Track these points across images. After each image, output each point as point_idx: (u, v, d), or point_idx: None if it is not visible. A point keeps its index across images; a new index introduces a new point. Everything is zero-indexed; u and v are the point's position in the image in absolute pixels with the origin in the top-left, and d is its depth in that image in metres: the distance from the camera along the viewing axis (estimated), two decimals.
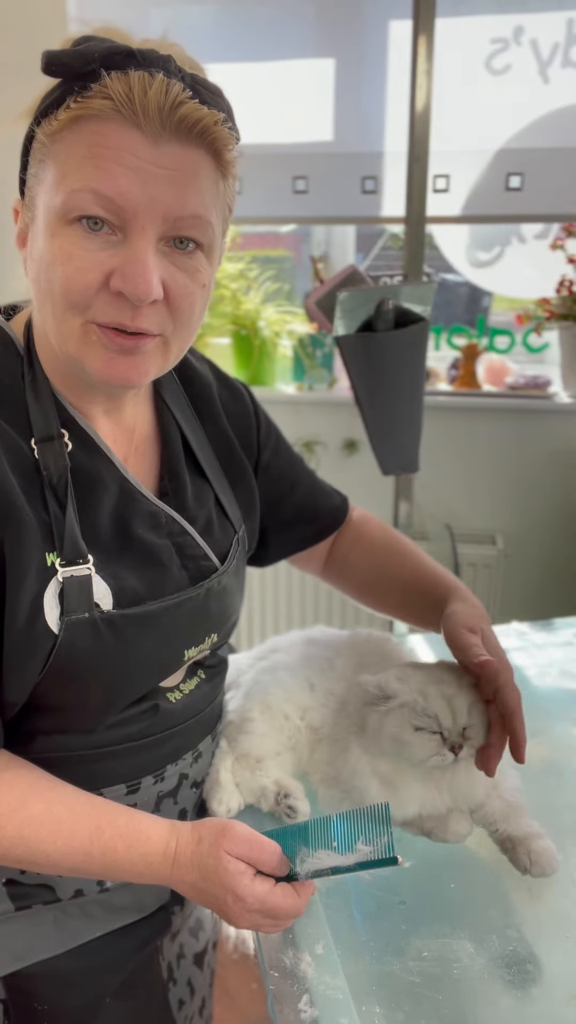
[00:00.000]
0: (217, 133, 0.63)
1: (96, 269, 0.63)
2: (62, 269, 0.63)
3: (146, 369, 0.69)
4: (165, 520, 0.78)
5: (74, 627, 0.68)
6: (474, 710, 0.76)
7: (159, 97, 0.60)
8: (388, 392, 1.16)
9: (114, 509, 0.75)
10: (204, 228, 0.66)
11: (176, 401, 0.86)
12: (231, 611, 0.86)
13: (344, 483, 0.96)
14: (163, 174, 0.62)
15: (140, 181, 0.61)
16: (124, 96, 0.59)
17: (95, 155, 0.61)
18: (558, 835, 0.79)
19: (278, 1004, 0.65)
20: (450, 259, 2.39)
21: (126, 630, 0.72)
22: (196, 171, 0.64)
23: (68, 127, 0.62)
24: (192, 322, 0.70)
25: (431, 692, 0.76)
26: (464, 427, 2.33)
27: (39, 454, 0.69)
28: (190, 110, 0.61)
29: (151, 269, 0.63)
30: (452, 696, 0.76)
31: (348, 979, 0.67)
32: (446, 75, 1.90)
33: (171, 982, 0.92)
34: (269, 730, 0.88)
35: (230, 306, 2.41)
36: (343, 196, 2.10)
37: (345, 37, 2.01)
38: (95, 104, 0.60)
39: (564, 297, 2.21)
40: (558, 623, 1.35)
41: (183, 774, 0.84)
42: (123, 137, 0.60)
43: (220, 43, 2.06)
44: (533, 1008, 0.66)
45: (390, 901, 0.75)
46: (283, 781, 0.86)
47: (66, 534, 0.69)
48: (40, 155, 0.65)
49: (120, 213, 0.62)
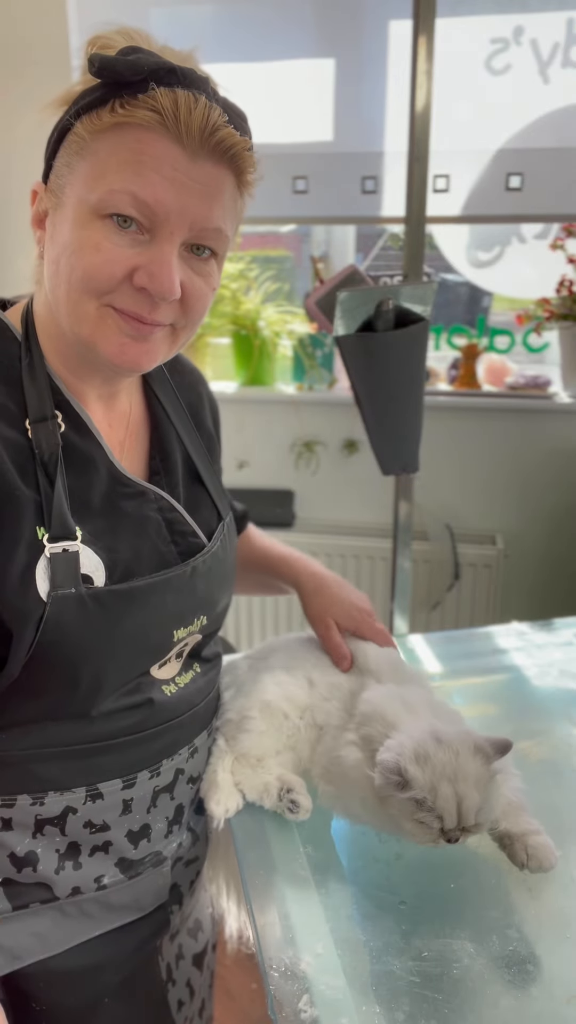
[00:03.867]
0: (246, 157, 0.71)
1: (122, 263, 0.68)
2: (89, 258, 0.67)
3: (155, 356, 0.74)
4: (154, 498, 0.81)
5: (61, 602, 0.70)
6: (482, 812, 0.72)
7: (201, 119, 0.65)
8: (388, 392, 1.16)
9: (105, 488, 0.78)
10: (222, 240, 0.73)
11: (163, 390, 0.90)
12: (219, 596, 0.87)
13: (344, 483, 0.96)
14: (196, 187, 0.67)
15: (175, 191, 0.67)
16: (171, 112, 0.65)
17: (137, 161, 0.66)
18: (558, 835, 0.79)
19: (278, 1004, 0.65)
20: (450, 259, 2.39)
21: (114, 606, 0.73)
22: (223, 188, 0.70)
23: (112, 129, 0.66)
24: (200, 318, 0.76)
25: (443, 791, 0.71)
26: (464, 427, 2.33)
27: (32, 434, 0.72)
28: (227, 135, 0.67)
29: (174, 271, 0.69)
30: (464, 798, 0.71)
31: (348, 979, 0.67)
32: (446, 75, 1.90)
33: (170, 983, 0.92)
34: (268, 729, 0.88)
35: (230, 306, 2.40)
36: (343, 196, 2.10)
37: (345, 37, 2.01)
38: (141, 114, 0.65)
39: (564, 297, 2.21)
40: (558, 623, 1.35)
41: (179, 769, 0.85)
42: (165, 149, 0.66)
43: (220, 43, 2.06)
44: (533, 1008, 0.66)
45: (390, 901, 0.75)
46: (285, 777, 0.86)
47: (54, 511, 0.71)
48: (77, 148, 0.69)
49: (152, 217, 0.67)
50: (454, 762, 0.72)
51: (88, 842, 0.79)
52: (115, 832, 0.80)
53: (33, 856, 0.77)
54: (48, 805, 0.76)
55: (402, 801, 0.72)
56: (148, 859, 0.85)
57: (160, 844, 0.85)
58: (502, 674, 1.20)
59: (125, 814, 0.81)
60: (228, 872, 0.96)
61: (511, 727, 1.06)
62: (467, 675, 1.21)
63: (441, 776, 0.71)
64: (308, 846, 0.82)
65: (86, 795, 0.77)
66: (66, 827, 0.78)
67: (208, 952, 1.02)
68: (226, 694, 0.95)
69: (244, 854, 0.82)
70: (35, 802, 0.76)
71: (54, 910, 0.79)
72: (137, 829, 0.82)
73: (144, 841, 0.83)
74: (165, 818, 0.85)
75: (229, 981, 1.70)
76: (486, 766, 0.73)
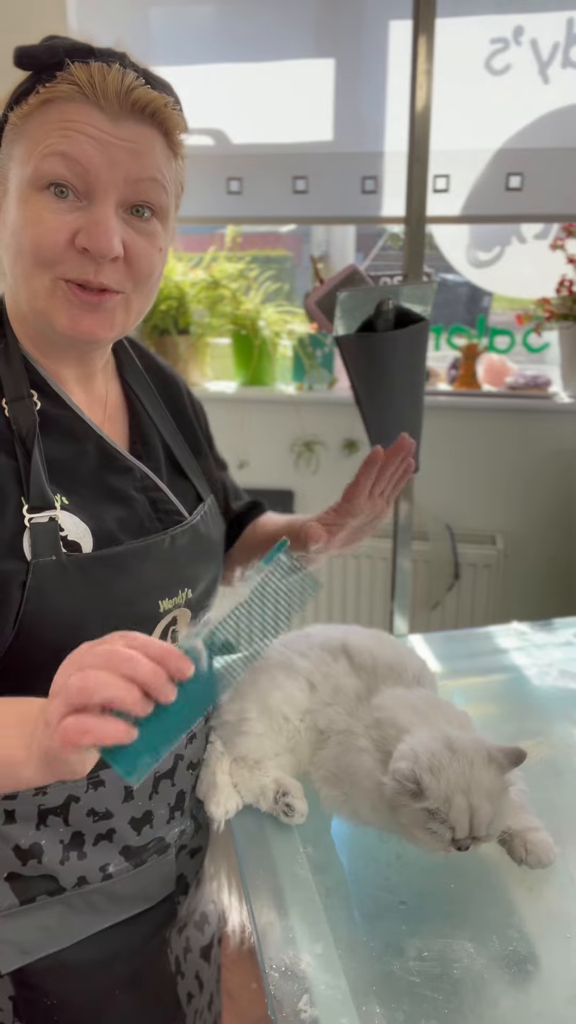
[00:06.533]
0: (167, 114, 0.73)
1: (63, 229, 0.70)
2: (32, 230, 0.71)
3: (109, 325, 0.76)
4: (140, 476, 0.83)
5: (42, 569, 0.71)
6: (494, 823, 0.72)
7: (116, 83, 0.69)
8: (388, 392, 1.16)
9: (93, 463, 0.80)
10: (160, 192, 0.74)
11: (137, 380, 0.92)
12: (203, 573, 0.88)
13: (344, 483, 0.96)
14: (122, 144, 0.70)
15: (102, 148, 0.69)
16: (87, 81, 0.69)
17: (63, 128, 0.69)
18: (558, 834, 0.79)
19: (278, 1004, 0.65)
20: (450, 259, 2.39)
21: (95, 573, 0.75)
22: (151, 145, 0.73)
23: (38, 109, 0.70)
24: (151, 283, 0.78)
25: (457, 802, 0.70)
26: (464, 427, 2.33)
27: (10, 412, 0.75)
28: (142, 93, 0.70)
29: (112, 228, 0.71)
30: (477, 809, 0.70)
31: (348, 979, 0.67)
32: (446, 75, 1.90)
33: (179, 975, 0.93)
34: (267, 731, 0.88)
35: (230, 306, 2.40)
36: (343, 196, 2.10)
37: (345, 37, 2.00)
38: (62, 88, 0.69)
39: (564, 297, 2.21)
40: (558, 623, 1.35)
41: (178, 755, 0.86)
42: (87, 115, 0.69)
43: (220, 43, 2.06)
44: (533, 1008, 0.66)
45: (390, 901, 0.75)
46: (282, 780, 0.86)
47: (32, 481, 0.73)
48: (12, 136, 0.73)
49: (85, 176, 0.70)
50: (468, 773, 0.71)
51: (92, 830, 0.80)
52: (118, 820, 0.81)
53: (37, 848, 0.78)
54: (50, 795, 0.77)
55: (414, 810, 0.71)
56: (151, 845, 0.85)
57: (163, 830, 0.86)
58: (502, 674, 1.20)
59: (127, 801, 0.81)
60: (229, 868, 0.96)
61: (511, 727, 1.06)
62: (467, 675, 1.21)
63: (456, 788, 0.71)
64: (308, 846, 0.82)
65: (88, 783, 0.78)
66: (69, 816, 0.78)
67: (214, 945, 1.03)
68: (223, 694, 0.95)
69: (244, 854, 0.82)
70: (37, 791, 0.76)
71: (61, 904, 0.80)
72: (139, 816, 0.83)
73: (147, 827, 0.84)
74: (167, 804, 0.86)
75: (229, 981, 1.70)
76: (499, 777, 0.73)
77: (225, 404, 2.43)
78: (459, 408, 2.33)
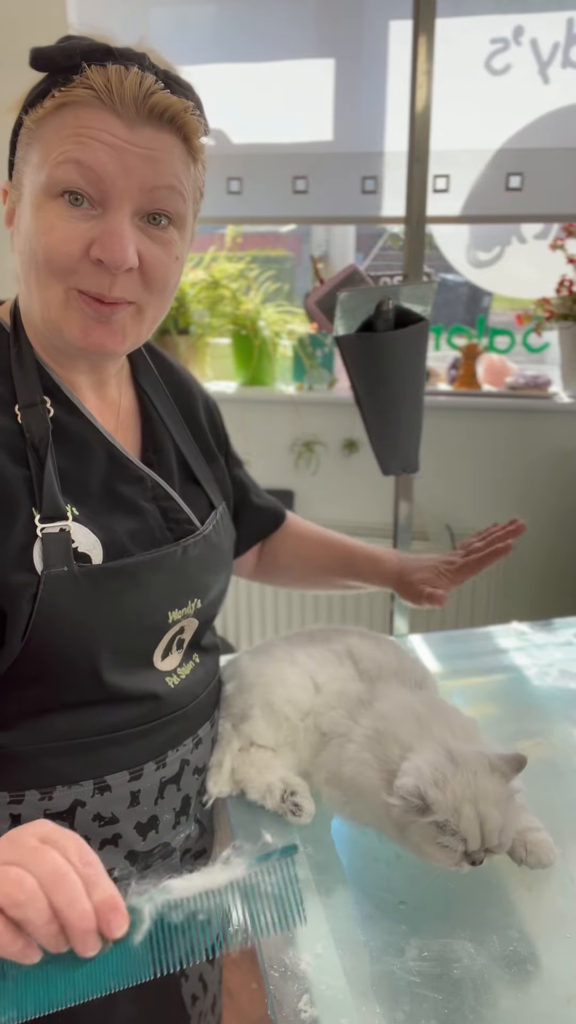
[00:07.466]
0: (186, 119, 0.70)
1: (77, 239, 0.69)
2: (45, 239, 0.69)
3: (122, 338, 0.75)
4: (151, 485, 0.82)
5: (54, 580, 0.71)
6: (504, 832, 0.71)
7: (134, 87, 0.67)
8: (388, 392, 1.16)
9: (103, 472, 0.79)
10: (177, 200, 0.72)
11: (152, 386, 0.91)
12: (212, 581, 0.88)
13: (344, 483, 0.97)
14: (139, 152, 0.68)
15: (117, 155, 0.67)
16: (103, 86, 0.66)
17: (78, 134, 0.67)
18: (558, 834, 0.79)
19: (278, 1004, 0.65)
20: (450, 259, 2.39)
21: (106, 585, 0.74)
22: (169, 151, 0.70)
23: (53, 113, 0.68)
24: (166, 293, 0.76)
25: (466, 812, 0.70)
26: (464, 427, 2.33)
27: (23, 419, 0.74)
28: (161, 98, 0.68)
29: (127, 238, 0.69)
30: (486, 819, 0.70)
31: (348, 979, 0.67)
32: (446, 75, 1.90)
33: (183, 977, 0.93)
34: (268, 727, 0.89)
35: (230, 306, 2.40)
36: (343, 196, 2.10)
37: (345, 37, 2.01)
38: (77, 92, 0.67)
39: (564, 297, 2.21)
40: (558, 623, 1.35)
41: (184, 760, 0.86)
42: (103, 121, 0.67)
43: (220, 43, 2.06)
44: (533, 1008, 0.66)
45: (390, 901, 0.75)
46: (289, 779, 0.86)
47: (44, 491, 0.72)
48: (27, 139, 0.71)
49: (99, 184, 0.68)
50: (473, 783, 0.71)
51: (97, 835, 0.79)
52: (124, 825, 0.81)
53: None
54: (56, 799, 0.77)
55: (423, 826, 0.71)
56: (157, 851, 0.85)
57: (168, 835, 0.86)
58: (502, 674, 1.20)
59: (133, 806, 0.81)
60: None
61: (511, 727, 1.06)
62: (467, 675, 1.21)
63: (462, 798, 0.70)
64: (308, 846, 0.82)
65: (94, 788, 0.78)
66: (75, 821, 0.78)
67: None
68: (228, 686, 0.95)
69: None
70: (43, 796, 0.76)
71: None
72: (145, 821, 0.83)
73: (152, 832, 0.83)
74: (172, 809, 0.85)
75: (229, 981, 1.70)
76: (504, 785, 0.73)
77: (225, 404, 2.40)
78: (459, 408, 2.33)
